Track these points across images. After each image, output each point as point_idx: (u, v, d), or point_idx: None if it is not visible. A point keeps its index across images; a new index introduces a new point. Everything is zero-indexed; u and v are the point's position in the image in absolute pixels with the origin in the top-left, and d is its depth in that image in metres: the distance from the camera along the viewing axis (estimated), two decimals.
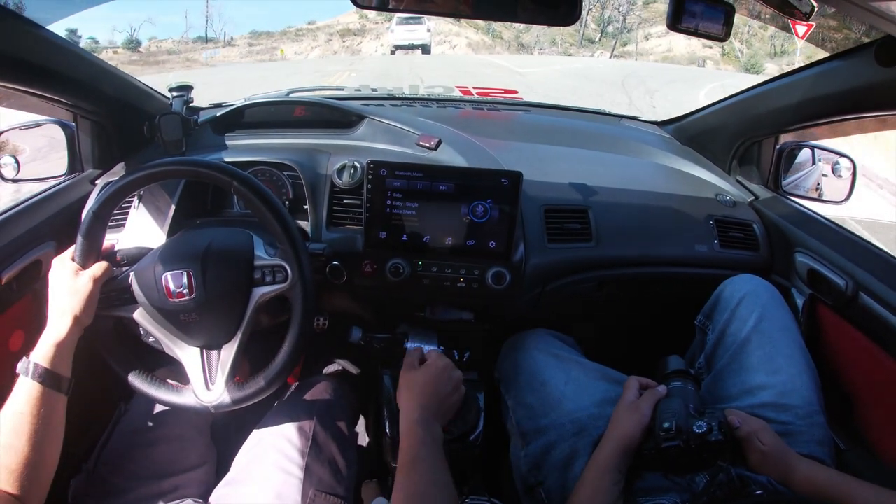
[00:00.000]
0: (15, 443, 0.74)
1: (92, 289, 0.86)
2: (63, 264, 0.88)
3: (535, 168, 1.27)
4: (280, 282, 0.90)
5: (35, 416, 0.76)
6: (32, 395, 0.77)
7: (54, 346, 0.80)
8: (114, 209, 0.91)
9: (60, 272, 0.87)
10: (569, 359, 1.09)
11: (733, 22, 0.95)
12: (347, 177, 1.16)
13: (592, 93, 11.86)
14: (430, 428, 0.84)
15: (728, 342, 1.04)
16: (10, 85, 0.99)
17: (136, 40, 33.66)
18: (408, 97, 1.85)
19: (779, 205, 1.36)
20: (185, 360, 0.93)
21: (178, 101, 1.30)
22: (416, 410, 0.87)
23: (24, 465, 0.73)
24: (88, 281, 0.86)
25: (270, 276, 0.90)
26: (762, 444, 0.83)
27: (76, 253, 0.88)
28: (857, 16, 0.82)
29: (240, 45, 34.88)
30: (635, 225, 1.27)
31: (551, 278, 1.19)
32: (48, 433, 0.77)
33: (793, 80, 1.23)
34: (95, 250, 0.89)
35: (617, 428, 0.89)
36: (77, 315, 0.83)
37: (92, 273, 0.87)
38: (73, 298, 0.84)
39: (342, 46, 33.75)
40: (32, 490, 0.73)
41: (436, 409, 0.90)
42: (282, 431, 0.96)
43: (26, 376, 0.78)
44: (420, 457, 0.79)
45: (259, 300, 0.90)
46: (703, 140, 1.59)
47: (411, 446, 0.81)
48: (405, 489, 0.74)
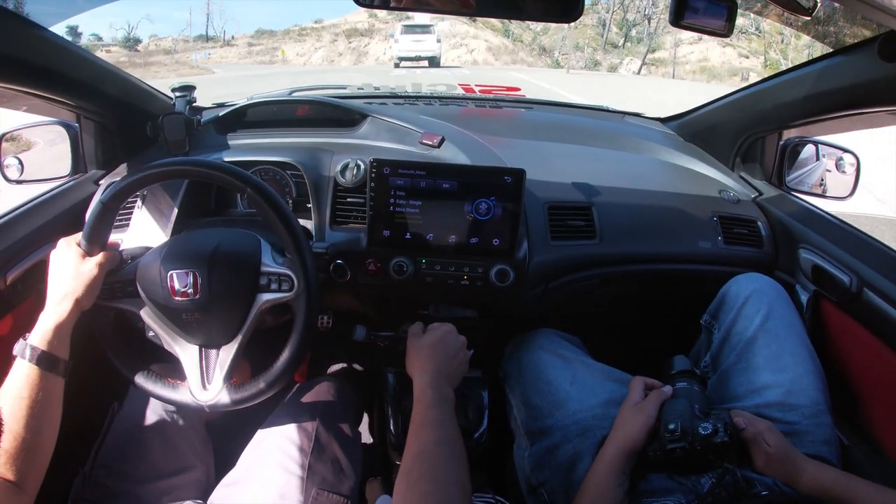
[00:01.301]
0: (12, 426, 0.73)
1: (96, 275, 0.86)
2: (69, 247, 0.87)
3: (539, 165, 1.27)
4: (285, 291, 0.90)
5: (32, 400, 0.75)
6: (30, 378, 0.76)
7: (53, 329, 0.80)
8: (123, 202, 0.91)
9: (66, 255, 0.86)
10: (574, 359, 1.09)
11: (735, 17, 0.95)
12: (350, 175, 1.16)
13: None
14: (441, 390, 0.85)
15: (734, 341, 1.04)
16: (14, 86, 0.99)
17: (134, 38, 32.42)
18: (410, 95, 1.85)
19: (783, 201, 1.35)
20: (183, 357, 0.93)
21: (181, 102, 1.30)
22: (426, 373, 0.87)
23: (20, 450, 0.72)
24: (94, 267, 0.86)
25: (276, 284, 0.90)
26: (768, 446, 0.83)
27: (82, 238, 0.87)
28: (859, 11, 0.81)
29: (239, 45, 33.45)
30: (639, 222, 1.26)
31: (555, 276, 1.19)
32: (45, 416, 0.76)
33: (796, 75, 1.22)
34: (102, 240, 0.89)
35: (622, 429, 0.89)
36: (78, 299, 0.83)
37: (98, 260, 0.87)
38: (75, 282, 0.84)
39: (348, 48, 31.70)
40: (29, 475, 0.73)
41: (445, 369, 0.90)
42: (284, 431, 0.96)
43: (23, 359, 0.77)
44: (429, 418, 0.79)
45: (262, 306, 0.91)
46: (706, 136, 1.59)
47: (421, 409, 0.81)
48: (414, 447, 0.74)
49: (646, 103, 2.50)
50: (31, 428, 0.74)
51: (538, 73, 20.19)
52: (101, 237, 0.89)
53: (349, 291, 1.18)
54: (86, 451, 0.96)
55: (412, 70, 18.27)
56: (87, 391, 1.07)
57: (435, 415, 0.79)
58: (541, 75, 18.89)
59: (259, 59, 30.93)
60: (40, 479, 0.75)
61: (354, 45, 31.90)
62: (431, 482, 0.68)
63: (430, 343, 0.94)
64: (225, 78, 16.56)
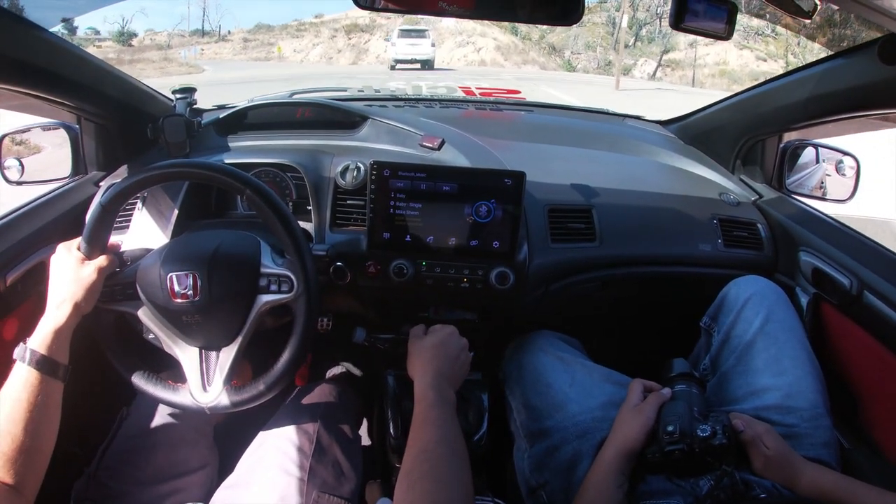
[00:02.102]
0: (11, 429, 0.73)
1: (96, 279, 0.86)
2: (69, 252, 0.88)
3: (539, 168, 1.27)
4: (285, 292, 0.90)
5: (31, 403, 0.75)
6: (29, 382, 0.76)
7: (52, 333, 0.80)
8: (122, 204, 0.91)
9: (65, 260, 0.87)
10: (574, 361, 1.09)
11: (736, 20, 0.95)
12: (351, 178, 1.16)
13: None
14: (442, 391, 0.84)
15: (734, 344, 1.04)
16: (14, 87, 0.99)
17: (129, 32, 31.23)
18: (410, 98, 1.85)
19: (783, 204, 1.35)
20: (183, 359, 0.93)
21: (181, 103, 1.30)
22: (427, 375, 0.87)
23: (19, 453, 0.73)
24: (93, 271, 0.86)
25: (276, 286, 0.90)
26: (767, 448, 0.83)
27: (82, 242, 0.88)
28: (859, 14, 0.82)
29: (234, 41, 32.11)
30: (639, 224, 1.26)
31: (555, 278, 1.19)
32: (44, 420, 0.77)
33: (796, 78, 1.23)
34: (101, 243, 0.89)
35: (621, 431, 0.89)
36: (78, 303, 0.83)
37: (98, 263, 0.87)
38: (75, 286, 0.84)
39: (347, 44, 30.01)
40: (28, 478, 0.73)
41: (447, 371, 0.90)
42: (285, 434, 0.96)
43: (23, 363, 0.77)
44: (430, 418, 0.79)
45: (262, 307, 0.91)
46: (706, 139, 1.59)
47: (422, 409, 0.81)
48: (415, 446, 0.74)
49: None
50: (29, 432, 0.74)
51: (566, 83, 17.47)
52: (101, 240, 0.89)
53: (349, 294, 1.18)
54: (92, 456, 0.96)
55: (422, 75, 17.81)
56: (97, 395, 1.07)
57: (436, 415, 0.79)
58: (569, 86, 16.00)
59: (254, 56, 29.69)
60: (39, 482, 0.75)
61: (354, 41, 30.32)
62: (433, 481, 0.68)
63: (432, 345, 0.94)
64: (213, 79, 15.83)
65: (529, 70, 25.09)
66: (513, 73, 22.53)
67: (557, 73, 24.94)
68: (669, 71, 24.96)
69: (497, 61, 26.77)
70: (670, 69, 25.08)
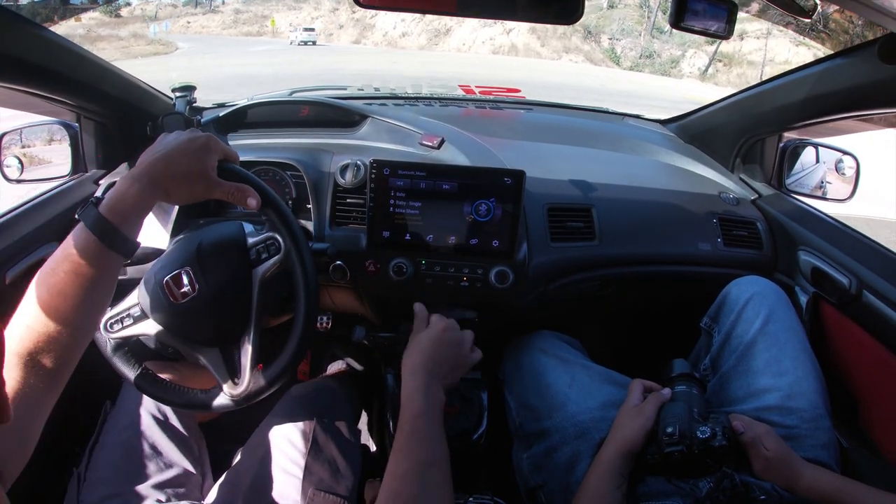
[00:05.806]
0: (58, 304, 0.65)
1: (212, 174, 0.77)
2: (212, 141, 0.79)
3: (539, 166, 1.27)
4: (275, 253, 0.88)
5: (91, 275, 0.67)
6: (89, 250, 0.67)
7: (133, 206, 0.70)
8: None
9: (196, 138, 0.79)
10: (573, 361, 1.09)
11: (736, 20, 0.95)
12: (350, 176, 1.16)
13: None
14: (430, 394, 0.82)
15: (734, 344, 1.04)
16: (14, 86, 0.99)
17: (118, 2, 28.57)
18: (410, 96, 1.85)
19: (782, 203, 1.35)
20: (207, 361, 0.90)
21: (181, 102, 1.30)
22: (416, 376, 0.85)
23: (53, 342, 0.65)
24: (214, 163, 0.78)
25: (266, 252, 0.88)
26: (766, 450, 0.83)
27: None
28: (859, 13, 0.82)
29: (224, 13, 29.24)
30: (639, 223, 1.26)
31: (555, 277, 1.19)
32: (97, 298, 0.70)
33: (796, 77, 1.23)
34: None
35: (620, 431, 0.89)
36: (194, 187, 0.75)
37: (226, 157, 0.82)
38: (195, 164, 0.76)
39: (350, 18, 26.57)
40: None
41: (438, 371, 0.87)
42: (282, 431, 0.96)
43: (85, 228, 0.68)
44: (419, 432, 0.77)
45: (262, 279, 0.88)
46: (706, 138, 1.59)
47: (409, 418, 0.79)
48: (402, 465, 0.73)
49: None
50: (82, 308, 0.66)
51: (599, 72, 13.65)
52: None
53: (349, 292, 1.18)
54: (78, 452, 0.95)
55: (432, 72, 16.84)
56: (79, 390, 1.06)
57: (425, 428, 0.78)
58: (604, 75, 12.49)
59: (244, 31, 26.86)
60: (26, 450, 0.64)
61: (358, 15, 26.61)
62: None
63: (428, 338, 0.93)
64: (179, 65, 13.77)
65: (571, 64, 19.45)
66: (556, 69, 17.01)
67: (611, 69, 20.27)
68: (723, 67, 21.83)
69: (532, 47, 22.45)
70: (722, 65, 21.92)
